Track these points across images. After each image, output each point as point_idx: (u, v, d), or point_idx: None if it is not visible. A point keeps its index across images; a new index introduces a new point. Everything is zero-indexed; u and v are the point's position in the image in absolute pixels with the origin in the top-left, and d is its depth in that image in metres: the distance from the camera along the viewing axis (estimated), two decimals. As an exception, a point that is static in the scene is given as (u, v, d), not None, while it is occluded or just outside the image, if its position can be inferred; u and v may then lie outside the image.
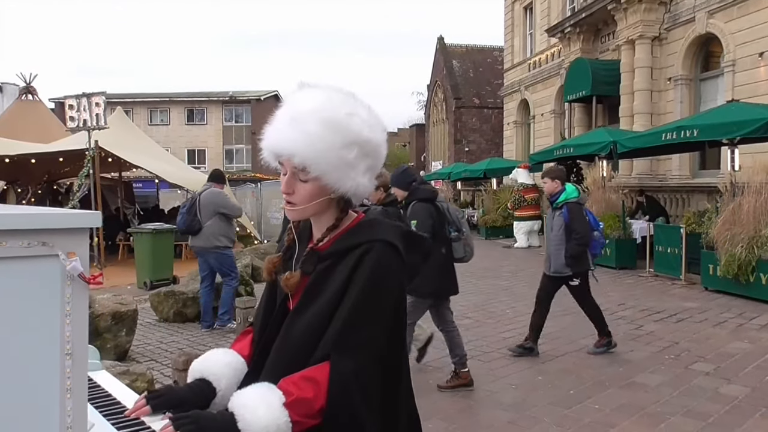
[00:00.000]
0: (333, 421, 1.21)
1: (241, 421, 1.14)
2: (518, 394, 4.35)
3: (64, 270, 0.76)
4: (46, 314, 0.76)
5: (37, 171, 16.20)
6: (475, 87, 32.46)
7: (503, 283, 9.86)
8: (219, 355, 1.43)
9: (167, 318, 7.33)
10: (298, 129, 1.28)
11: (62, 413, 0.76)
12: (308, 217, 1.39)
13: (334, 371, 1.21)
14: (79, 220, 0.77)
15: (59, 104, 31.68)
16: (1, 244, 0.71)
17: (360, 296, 1.26)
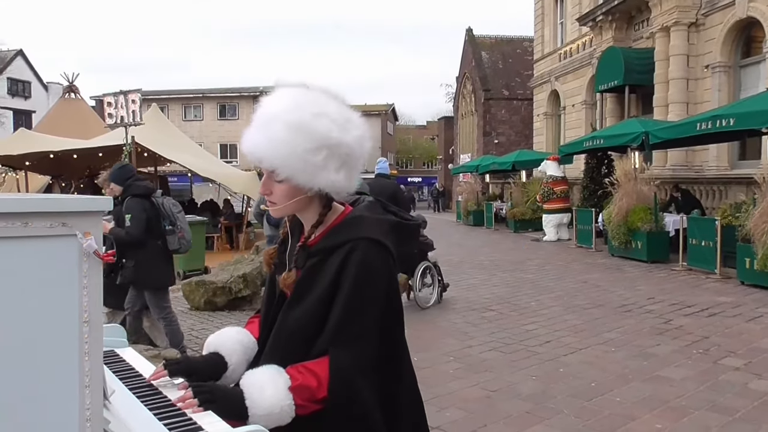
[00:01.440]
0: (335, 411, 1.30)
1: (248, 399, 1.24)
2: (538, 386, 4.38)
3: (81, 248, 0.86)
4: (66, 286, 0.85)
5: (79, 166, 16.73)
6: (505, 78, 32.18)
7: (529, 276, 9.83)
8: (232, 332, 1.54)
9: (198, 306, 7.55)
10: (263, 133, 1.34)
11: (81, 374, 0.86)
12: (290, 214, 1.47)
13: (333, 365, 1.30)
14: (94, 204, 0.87)
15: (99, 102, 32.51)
16: (28, 224, 0.81)
17: (350, 294, 1.33)
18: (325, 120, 1.35)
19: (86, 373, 0.86)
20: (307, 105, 1.36)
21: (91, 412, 0.87)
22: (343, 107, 1.41)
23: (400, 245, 1.44)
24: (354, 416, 1.32)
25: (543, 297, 7.90)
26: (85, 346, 0.86)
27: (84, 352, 0.86)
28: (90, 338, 0.86)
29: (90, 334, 0.86)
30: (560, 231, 15.93)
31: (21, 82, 41.21)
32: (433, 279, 7.55)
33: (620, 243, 11.55)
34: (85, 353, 0.86)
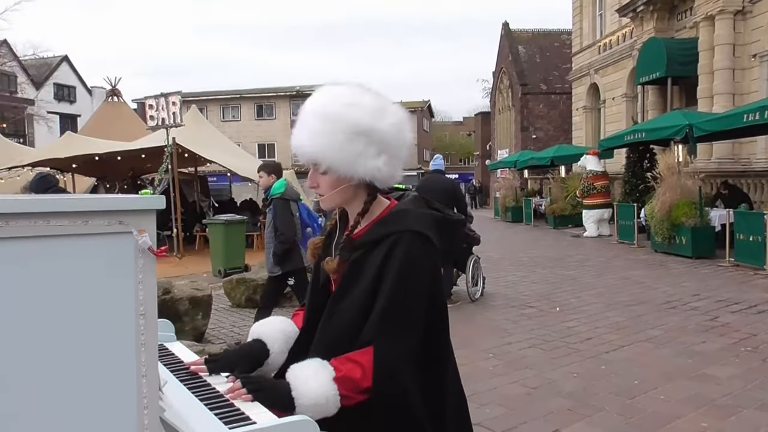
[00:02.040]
0: (380, 401, 1.33)
1: (294, 390, 1.27)
2: (579, 383, 4.32)
3: (136, 244, 0.90)
4: (123, 281, 0.90)
5: (122, 167, 17.21)
6: (542, 72, 31.71)
7: (570, 272, 9.69)
8: (276, 322, 1.60)
9: (239, 304, 7.70)
10: (303, 129, 1.41)
11: (138, 364, 0.91)
12: (338, 204, 1.50)
13: (377, 356, 1.32)
14: (148, 203, 0.91)
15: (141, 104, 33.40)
16: (88, 222, 0.85)
17: (393, 285, 1.35)
18: (357, 109, 1.39)
19: (143, 363, 0.90)
20: (339, 97, 1.41)
21: (148, 401, 0.91)
22: (378, 98, 1.44)
23: (443, 240, 1.46)
24: (397, 406, 1.34)
25: (584, 294, 7.78)
26: (141, 338, 0.90)
27: (140, 343, 0.90)
28: (146, 330, 0.90)
29: (146, 326, 0.90)
30: (601, 227, 15.64)
31: (66, 87, 42.60)
32: (478, 272, 7.67)
33: (663, 239, 11.28)
34: (141, 345, 0.90)
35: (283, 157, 43.47)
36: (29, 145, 29.21)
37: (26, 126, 35.72)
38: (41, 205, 0.83)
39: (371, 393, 1.32)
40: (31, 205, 0.83)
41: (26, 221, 0.82)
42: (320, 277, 1.55)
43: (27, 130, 35.94)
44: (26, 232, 0.82)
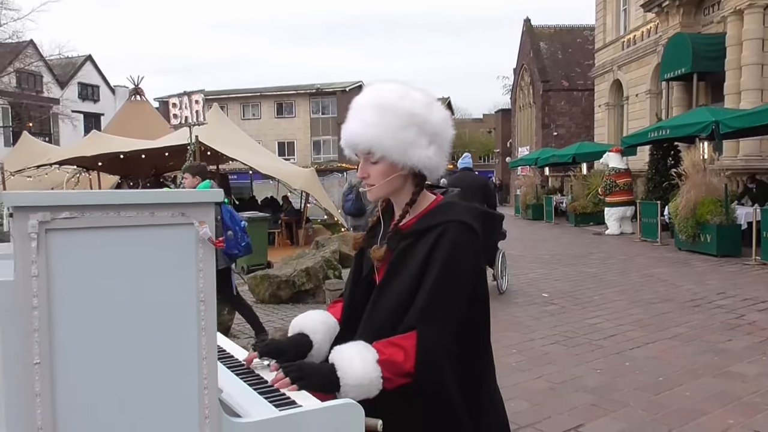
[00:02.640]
0: (421, 384, 1.37)
1: (339, 371, 1.32)
2: (603, 379, 4.33)
3: (197, 235, 0.96)
4: (185, 269, 0.96)
5: (146, 165, 17.47)
6: (564, 69, 31.47)
7: (591, 270, 9.64)
8: (316, 314, 1.65)
9: (263, 299, 7.80)
10: (356, 121, 1.47)
11: (199, 347, 0.97)
12: (386, 194, 1.54)
13: (420, 340, 1.37)
14: (208, 196, 0.98)
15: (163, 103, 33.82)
16: (154, 214, 0.92)
17: (439, 273, 1.40)
18: (409, 100, 1.46)
19: (203, 347, 0.96)
20: (392, 91, 1.48)
21: (209, 382, 0.98)
22: (425, 94, 1.51)
23: (485, 233, 1.50)
24: (436, 391, 1.38)
25: (606, 291, 7.74)
26: (201, 323, 0.96)
27: (201, 328, 0.96)
28: (206, 316, 0.96)
29: (206, 312, 0.97)
30: (623, 224, 15.51)
31: (90, 86, 43.25)
32: (504, 266, 7.88)
33: (688, 236, 11.16)
34: (202, 329, 0.96)
35: (303, 155, 43.77)
36: (54, 143, 29.76)
37: (51, 125, 36.35)
38: (113, 198, 0.90)
39: (412, 377, 1.36)
40: (104, 198, 0.90)
41: (100, 212, 0.89)
42: (362, 270, 1.60)
43: (52, 129, 36.57)
44: (100, 223, 0.89)
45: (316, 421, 1.10)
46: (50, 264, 0.86)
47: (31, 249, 0.84)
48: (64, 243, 0.87)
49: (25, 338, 0.85)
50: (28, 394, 0.85)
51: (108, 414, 0.91)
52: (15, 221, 0.83)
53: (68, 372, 0.88)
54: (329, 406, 1.15)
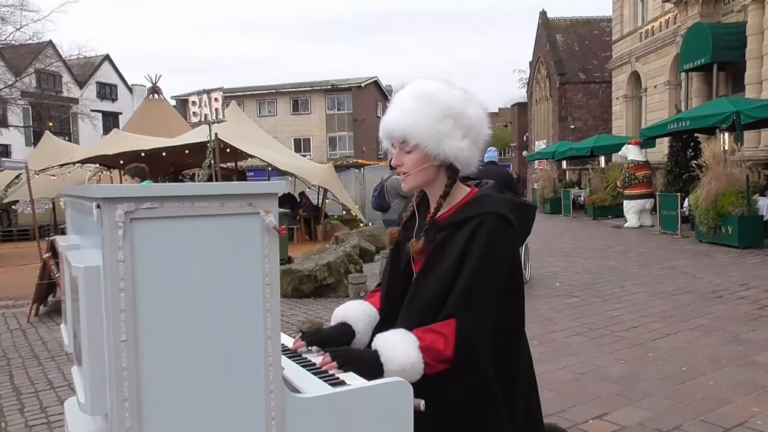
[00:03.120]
0: (460, 368, 1.44)
1: (383, 357, 1.39)
2: (627, 369, 4.36)
3: (263, 223, 1.04)
4: (252, 255, 1.04)
5: (165, 163, 17.69)
6: (581, 61, 31.18)
7: (612, 263, 9.62)
8: (356, 304, 1.73)
9: (285, 294, 7.92)
10: (395, 109, 1.54)
11: (265, 327, 1.05)
12: (420, 184, 1.59)
13: (460, 327, 1.43)
14: (273, 187, 1.06)
15: (180, 101, 34.16)
16: (224, 204, 1.00)
17: (477, 263, 1.46)
18: (448, 94, 1.53)
19: (268, 327, 1.04)
20: (433, 85, 1.56)
21: (273, 359, 1.06)
22: (465, 91, 1.58)
23: (520, 224, 1.56)
24: (474, 377, 1.45)
25: (627, 283, 7.74)
26: (267, 305, 1.04)
27: (266, 309, 1.04)
28: (270, 298, 1.05)
29: (270, 295, 1.05)
30: (642, 217, 15.41)
31: (108, 86, 43.81)
32: (527, 256, 8.21)
33: (709, 228, 11.08)
34: (267, 311, 1.04)
35: (319, 151, 43.94)
36: (74, 142, 30.16)
37: (71, 124, 36.86)
38: (188, 190, 0.98)
39: (451, 363, 1.43)
40: (180, 190, 0.98)
41: (177, 203, 0.97)
42: (400, 262, 1.67)
43: (72, 128, 37.10)
44: (176, 212, 0.97)
45: (367, 397, 1.18)
46: (134, 250, 0.94)
47: (118, 236, 0.92)
48: (146, 231, 0.95)
49: (113, 318, 0.94)
50: (117, 369, 0.94)
51: (185, 386, 1.00)
52: (104, 211, 0.91)
53: (150, 348, 0.97)
54: (379, 384, 1.22)
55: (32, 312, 7.50)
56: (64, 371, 5.09)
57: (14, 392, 4.66)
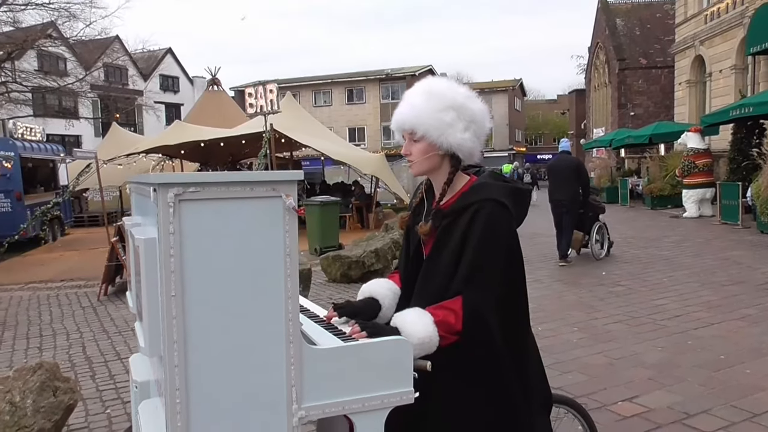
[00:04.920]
0: (469, 339, 1.63)
1: (403, 332, 1.58)
2: (664, 356, 4.41)
3: (284, 205, 1.26)
4: (275, 231, 1.27)
5: (223, 153, 18.36)
6: (642, 46, 30.20)
7: (664, 253, 9.48)
8: (382, 282, 1.96)
9: (335, 279, 8.23)
10: (406, 104, 1.74)
11: (285, 288, 1.27)
12: (425, 170, 1.79)
13: (466, 302, 1.63)
14: (292, 175, 1.28)
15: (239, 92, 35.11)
16: (253, 189, 1.22)
17: (477, 245, 1.65)
18: (454, 90, 1.74)
19: (288, 288, 1.27)
20: (440, 82, 1.77)
21: (292, 315, 1.28)
22: (469, 89, 1.78)
23: (516, 207, 1.74)
24: (482, 343, 1.64)
25: (677, 273, 7.65)
26: (287, 271, 1.27)
27: (287, 275, 1.27)
28: (290, 266, 1.27)
29: (290, 263, 1.27)
30: (702, 207, 14.96)
31: (171, 78, 45.36)
32: (603, 237, 9.18)
33: (771, 219, 10.71)
34: (287, 276, 1.27)
35: (373, 141, 44.28)
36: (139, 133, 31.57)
37: (136, 115, 38.48)
38: (224, 177, 1.22)
39: (461, 335, 1.62)
40: (218, 177, 1.21)
41: (215, 188, 1.21)
42: (411, 245, 1.87)
43: (137, 119, 38.73)
44: (215, 195, 1.21)
45: (371, 351, 1.41)
46: (182, 224, 1.18)
47: (170, 213, 1.16)
48: (191, 209, 1.19)
49: (166, 278, 1.18)
50: (168, 318, 1.18)
51: (220, 334, 1.24)
52: (159, 194, 1.16)
53: (193, 302, 1.21)
54: (382, 340, 1.44)
55: (101, 291, 8.09)
56: (130, 345, 5.54)
57: (87, 361, 5.13)
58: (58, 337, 6.06)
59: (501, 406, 1.70)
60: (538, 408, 1.84)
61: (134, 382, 1.71)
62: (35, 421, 2.99)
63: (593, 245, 8.92)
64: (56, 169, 17.11)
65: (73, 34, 23.43)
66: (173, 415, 1.20)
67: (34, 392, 3.08)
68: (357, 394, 1.36)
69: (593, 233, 8.91)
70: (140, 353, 1.90)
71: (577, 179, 8.49)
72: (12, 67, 21.98)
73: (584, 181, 8.68)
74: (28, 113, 23.42)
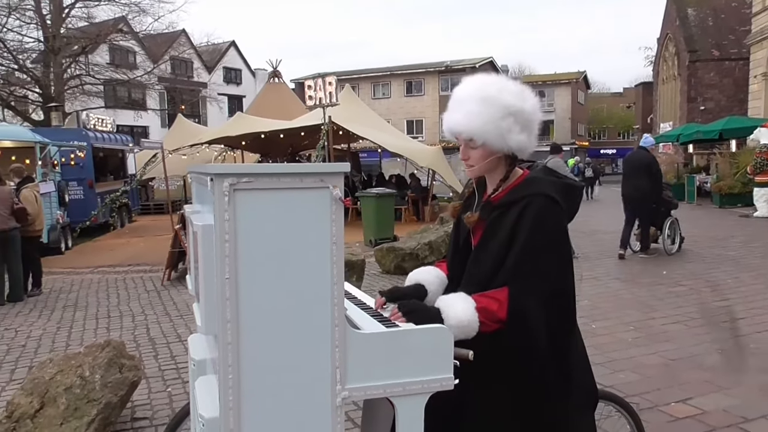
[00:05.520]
0: (513, 329, 1.65)
1: (443, 312, 1.63)
2: (722, 359, 4.26)
3: (331, 195, 1.32)
4: (323, 220, 1.34)
5: (283, 145, 18.75)
6: (715, 37, 28.80)
7: (731, 253, 9.09)
8: (430, 269, 2.01)
9: (389, 270, 8.32)
10: (462, 110, 1.74)
11: (331, 275, 1.34)
12: (484, 173, 1.83)
13: (512, 293, 1.65)
14: (340, 167, 1.34)
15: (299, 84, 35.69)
16: (303, 180, 1.29)
17: (526, 238, 1.67)
18: (507, 93, 1.74)
19: (334, 275, 1.34)
20: (490, 84, 1.76)
21: (338, 300, 1.34)
22: (517, 84, 1.79)
23: (567, 202, 1.74)
24: (525, 336, 1.65)
25: (743, 275, 7.34)
26: (333, 258, 1.33)
27: (333, 262, 1.33)
28: (336, 253, 1.34)
29: (336, 250, 1.33)
30: (775, 206, 14.22)
31: (233, 70, 46.53)
32: (675, 232, 9.26)
33: None
34: (333, 263, 1.33)
35: (431, 133, 44.13)
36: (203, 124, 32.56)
37: (200, 107, 39.69)
38: (275, 168, 1.30)
39: (504, 324, 1.64)
40: (270, 168, 1.29)
41: (267, 178, 1.29)
42: (460, 235, 1.91)
43: (201, 111, 39.95)
44: (267, 185, 1.29)
45: (412, 337, 1.46)
46: (236, 212, 1.26)
47: (225, 202, 1.25)
48: (244, 198, 1.27)
49: (220, 261, 1.27)
50: (222, 298, 1.27)
51: (270, 314, 1.32)
52: (215, 183, 1.24)
53: (246, 284, 1.29)
54: (423, 327, 1.50)
55: (165, 277, 8.47)
56: (191, 327, 5.80)
57: (150, 342, 5.40)
58: (125, 318, 6.40)
59: (536, 403, 1.70)
60: (580, 403, 1.84)
61: (192, 360, 1.82)
62: (103, 395, 3.19)
63: (664, 240, 9.02)
64: (125, 158, 17.92)
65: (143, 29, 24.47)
66: (225, 389, 1.29)
67: (102, 368, 3.29)
68: (398, 378, 1.42)
69: (665, 228, 9.02)
70: (198, 333, 2.02)
71: (647, 175, 8.64)
72: (86, 60, 23.15)
73: (654, 178, 8.77)
74: (100, 105, 24.60)
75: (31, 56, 22.69)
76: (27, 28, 21.34)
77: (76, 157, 14.17)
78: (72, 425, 3.05)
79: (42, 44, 21.38)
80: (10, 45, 20.64)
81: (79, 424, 3.05)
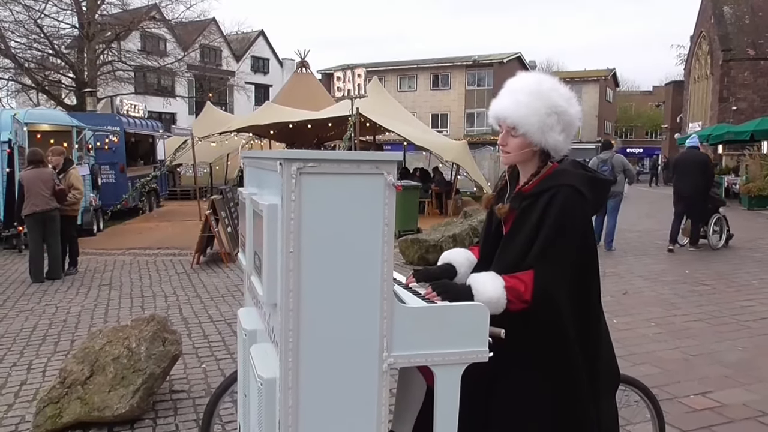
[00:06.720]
0: (538, 309, 1.77)
1: (474, 290, 1.76)
2: (744, 356, 4.33)
3: (385, 181, 1.47)
4: (376, 203, 1.48)
5: (309, 135, 18.93)
6: (751, 36, 28.21)
7: (757, 255, 9.05)
8: (461, 251, 2.16)
9: (412, 261, 8.46)
10: (512, 98, 1.88)
11: (382, 252, 1.49)
12: (517, 163, 1.96)
13: (537, 276, 1.78)
14: (393, 156, 1.49)
15: (326, 75, 35.90)
16: (360, 166, 1.44)
17: (552, 226, 1.79)
18: (557, 93, 1.87)
19: (385, 252, 1.48)
20: (545, 81, 1.90)
21: (387, 276, 1.49)
22: (567, 89, 1.92)
23: (594, 194, 1.86)
24: (549, 317, 1.78)
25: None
26: (384, 238, 1.48)
27: (384, 241, 1.48)
28: (387, 233, 1.48)
29: (387, 231, 1.48)
30: (805, 210, 14.04)
31: (261, 60, 46.86)
32: (722, 228, 9.69)
33: None
34: (384, 242, 1.48)
35: (456, 128, 44.05)
36: (230, 112, 32.93)
37: (228, 95, 40.12)
38: (337, 155, 1.45)
39: (529, 304, 1.77)
40: (332, 155, 1.44)
41: (329, 164, 1.44)
42: (492, 224, 2.04)
43: (228, 99, 40.38)
44: (329, 170, 1.43)
45: (452, 313, 1.61)
46: (301, 193, 1.41)
47: (292, 183, 1.40)
48: (309, 181, 1.42)
49: (286, 237, 1.42)
50: (285, 270, 1.43)
51: (328, 285, 1.47)
52: (284, 167, 1.39)
53: (308, 258, 1.45)
54: (462, 304, 1.64)
55: (194, 260, 8.72)
56: (221, 309, 6.01)
57: (183, 321, 5.62)
58: (157, 298, 6.65)
59: (562, 382, 1.81)
60: (607, 385, 1.97)
61: (243, 331, 1.98)
62: (147, 365, 3.40)
63: (711, 236, 9.43)
64: (155, 144, 18.29)
65: (175, 16, 24.83)
66: (286, 351, 1.45)
67: (147, 340, 3.49)
68: (438, 348, 1.56)
69: (711, 224, 9.44)
70: (246, 307, 2.18)
71: (702, 174, 9.03)
72: (118, 47, 23.60)
73: (708, 176, 9.21)
74: (130, 91, 25.06)
75: (66, 42, 23.19)
76: (63, 14, 21.85)
77: (110, 141, 14.53)
78: (119, 393, 3.25)
79: (77, 30, 21.84)
80: (47, 30, 21.13)
81: (125, 392, 3.26)
